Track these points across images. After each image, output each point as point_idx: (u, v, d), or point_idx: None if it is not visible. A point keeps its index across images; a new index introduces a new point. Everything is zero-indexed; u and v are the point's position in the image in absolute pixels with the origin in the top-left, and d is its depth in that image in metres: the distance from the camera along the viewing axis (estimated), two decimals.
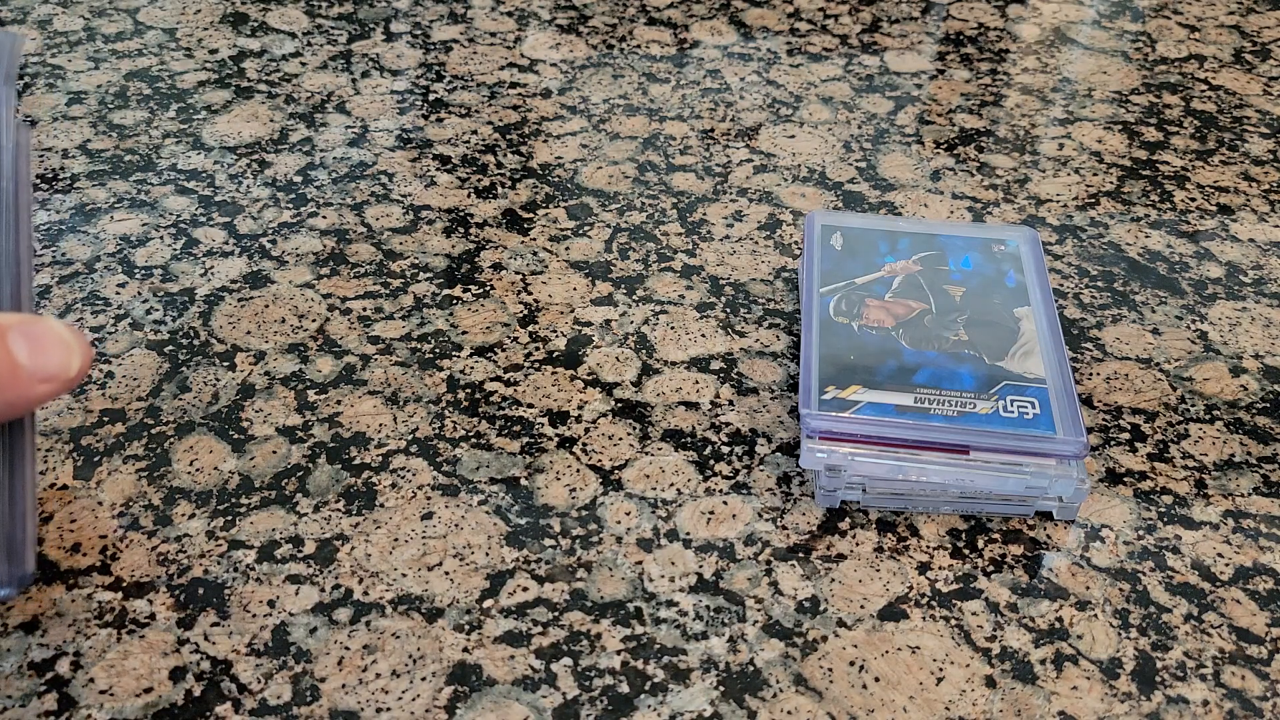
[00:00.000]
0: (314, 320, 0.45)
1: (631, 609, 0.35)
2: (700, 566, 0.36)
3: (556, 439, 0.41)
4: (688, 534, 0.37)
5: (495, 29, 0.65)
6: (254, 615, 0.35)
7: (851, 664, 0.34)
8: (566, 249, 0.49)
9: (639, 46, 0.64)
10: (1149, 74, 0.63)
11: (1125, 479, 0.40)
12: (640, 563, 0.37)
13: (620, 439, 0.41)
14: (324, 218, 0.50)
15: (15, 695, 0.32)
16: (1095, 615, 0.36)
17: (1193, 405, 0.43)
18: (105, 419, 0.41)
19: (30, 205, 0.31)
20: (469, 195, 0.52)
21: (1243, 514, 0.39)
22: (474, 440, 0.40)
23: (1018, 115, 0.59)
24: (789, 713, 0.33)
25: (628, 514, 0.38)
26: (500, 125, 0.57)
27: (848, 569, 0.37)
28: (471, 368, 0.43)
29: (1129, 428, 0.42)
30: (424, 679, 0.33)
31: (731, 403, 0.42)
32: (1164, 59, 0.65)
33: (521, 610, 0.35)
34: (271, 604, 0.35)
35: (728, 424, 0.41)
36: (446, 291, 0.47)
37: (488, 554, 0.37)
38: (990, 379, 0.39)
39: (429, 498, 0.38)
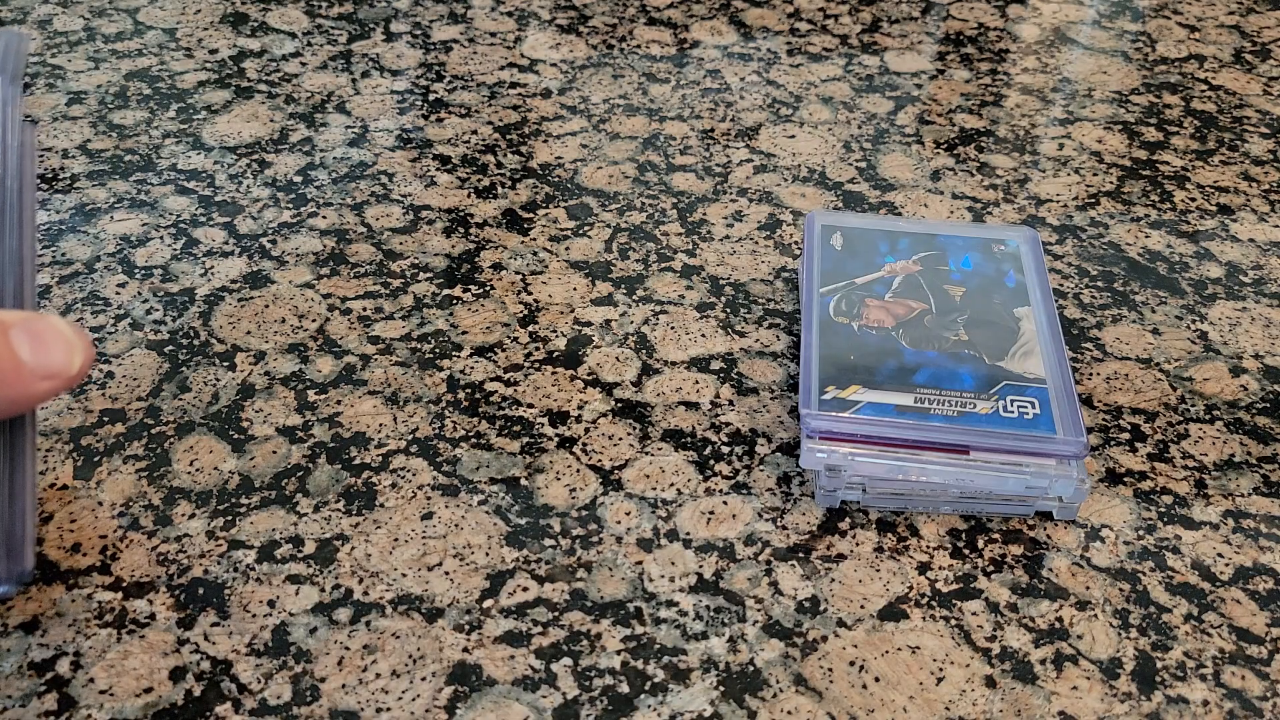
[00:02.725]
0: (314, 320, 0.45)
1: (631, 609, 0.35)
2: (700, 566, 0.36)
3: (556, 439, 0.41)
4: (688, 534, 0.37)
5: (495, 29, 0.65)
6: (254, 615, 0.35)
7: (851, 664, 0.34)
8: (566, 249, 0.49)
9: (639, 46, 0.64)
10: (1149, 74, 0.64)
11: (1125, 479, 0.40)
12: (640, 563, 0.37)
13: (620, 439, 0.41)
14: (324, 218, 0.50)
15: (15, 695, 0.32)
16: (1095, 615, 0.36)
17: (1193, 405, 0.43)
18: (105, 419, 0.41)
19: (34, 204, 0.31)
20: (469, 195, 0.52)
21: (1243, 514, 0.39)
22: (474, 440, 0.40)
23: (1018, 115, 0.59)
24: (789, 713, 0.33)
25: (628, 514, 0.38)
26: (500, 125, 0.57)
27: (848, 569, 0.37)
28: (471, 368, 0.43)
29: (1129, 428, 0.42)
30: (424, 679, 0.33)
31: (731, 403, 0.42)
32: (1164, 59, 0.65)
33: (521, 610, 0.35)
34: (271, 604, 0.35)
35: (728, 424, 0.41)
36: (446, 291, 0.47)
37: (488, 554, 0.37)
38: (990, 379, 0.39)
39: (429, 498, 0.38)
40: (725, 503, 0.39)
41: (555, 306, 0.46)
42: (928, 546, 0.37)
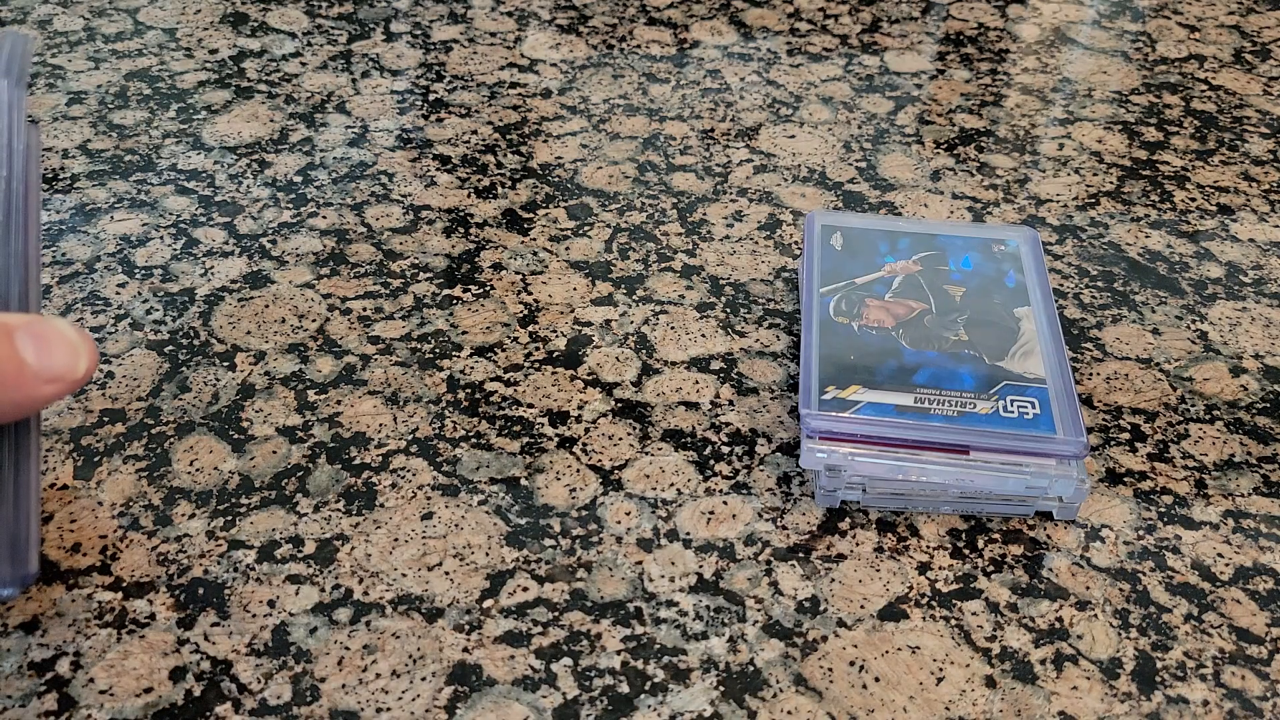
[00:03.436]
0: (314, 320, 0.45)
1: (631, 609, 0.35)
2: (700, 566, 0.36)
3: (556, 439, 0.41)
4: (688, 534, 0.37)
5: (495, 29, 0.65)
6: (254, 615, 0.35)
7: (851, 664, 0.34)
8: (566, 249, 0.49)
9: (639, 46, 0.64)
10: (1149, 74, 0.64)
11: (1125, 479, 0.40)
12: (640, 563, 0.37)
13: (620, 439, 0.41)
14: (324, 218, 0.50)
15: (15, 695, 0.32)
16: (1095, 615, 0.36)
17: (1193, 405, 0.43)
18: (105, 419, 0.41)
19: (39, 206, 0.31)
20: (469, 195, 0.52)
21: (1243, 514, 0.39)
22: (474, 440, 0.40)
23: (1018, 115, 0.59)
24: (789, 713, 0.33)
25: (628, 514, 0.38)
26: (500, 125, 0.57)
27: (848, 569, 0.37)
28: (471, 368, 0.43)
29: (1129, 428, 0.42)
30: (424, 679, 0.33)
31: (731, 403, 0.42)
32: (1164, 59, 0.65)
33: (521, 610, 0.35)
34: (271, 604, 0.35)
35: (728, 424, 0.41)
36: (446, 291, 0.47)
37: (488, 554, 0.37)
38: (990, 379, 0.39)
39: (429, 498, 0.38)
40: (725, 503, 0.39)
41: (555, 306, 0.46)
42: (928, 546, 0.37)
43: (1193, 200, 0.54)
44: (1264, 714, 0.33)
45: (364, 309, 0.46)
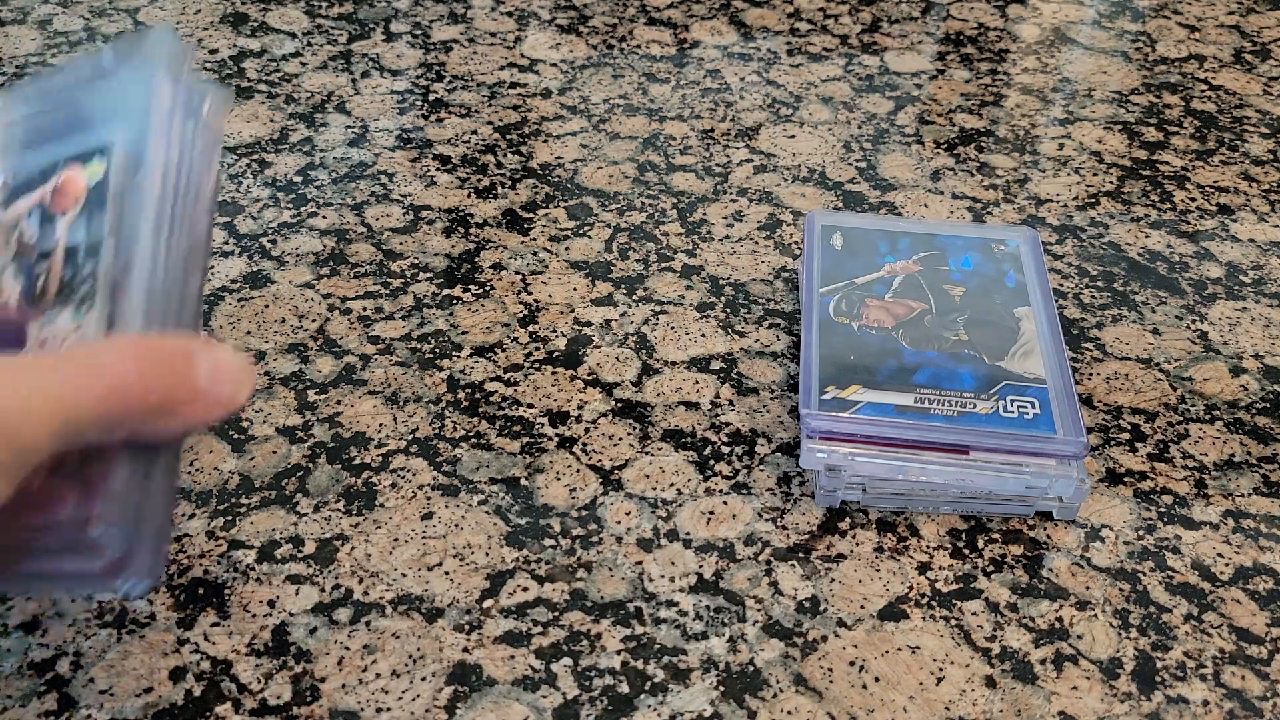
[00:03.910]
0: (314, 320, 0.45)
1: (631, 609, 0.35)
2: (700, 566, 0.36)
3: (556, 439, 0.41)
4: (688, 534, 0.37)
5: (495, 29, 0.65)
6: (254, 615, 0.35)
7: (851, 664, 0.34)
8: (566, 249, 0.49)
9: (639, 46, 0.64)
10: (1149, 74, 0.64)
11: (1125, 479, 0.40)
12: (640, 563, 0.37)
13: (620, 439, 0.41)
14: (324, 218, 0.50)
15: (15, 695, 0.32)
16: (1095, 615, 0.36)
17: (1193, 405, 0.43)
18: None
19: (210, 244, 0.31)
20: (469, 195, 0.52)
21: (1243, 514, 0.39)
22: (474, 440, 0.40)
23: (1018, 115, 0.59)
24: (789, 713, 0.33)
25: (628, 514, 0.38)
26: (500, 125, 0.57)
27: (848, 569, 0.37)
28: (471, 368, 0.43)
29: (1129, 428, 0.42)
30: (424, 679, 0.33)
31: (731, 403, 0.42)
32: (1164, 59, 0.65)
33: (521, 610, 0.35)
34: (271, 604, 0.35)
35: (728, 424, 0.41)
36: (446, 291, 0.47)
37: (488, 554, 0.37)
38: (990, 379, 0.39)
39: (429, 498, 0.38)
40: (725, 503, 0.39)
41: (555, 306, 0.46)
42: (928, 546, 0.37)
43: (1193, 200, 0.54)
44: (1264, 714, 0.33)
45: (364, 309, 0.46)
